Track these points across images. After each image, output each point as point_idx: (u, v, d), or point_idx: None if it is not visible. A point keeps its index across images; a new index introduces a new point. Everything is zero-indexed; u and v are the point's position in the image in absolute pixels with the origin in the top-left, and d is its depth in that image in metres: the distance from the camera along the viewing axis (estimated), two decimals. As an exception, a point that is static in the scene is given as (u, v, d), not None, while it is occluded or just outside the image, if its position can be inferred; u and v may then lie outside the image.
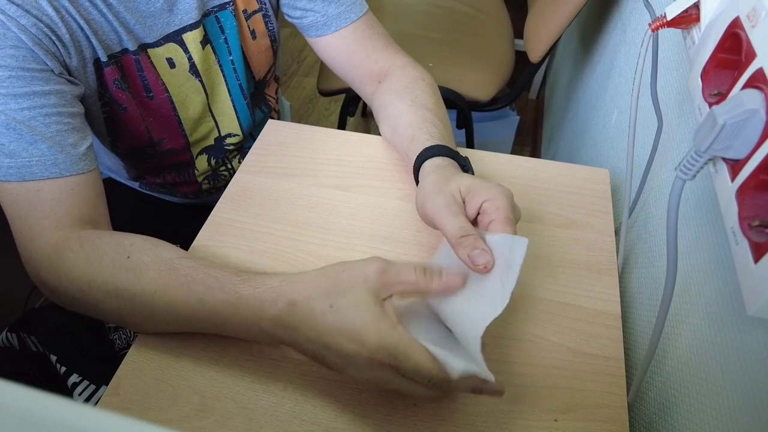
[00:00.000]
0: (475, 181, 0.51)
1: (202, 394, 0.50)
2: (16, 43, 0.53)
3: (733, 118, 0.32)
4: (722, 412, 0.40)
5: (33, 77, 0.54)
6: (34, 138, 0.54)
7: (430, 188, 0.53)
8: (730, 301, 0.41)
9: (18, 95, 0.53)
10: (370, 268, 0.44)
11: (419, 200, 0.54)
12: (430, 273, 0.45)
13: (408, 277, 0.44)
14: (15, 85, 0.53)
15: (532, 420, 0.49)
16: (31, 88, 0.54)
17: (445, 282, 0.45)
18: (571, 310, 0.56)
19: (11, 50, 0.53)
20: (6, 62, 0.52)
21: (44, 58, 0.55)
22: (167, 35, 0.67)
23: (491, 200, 0.49)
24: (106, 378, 0.51)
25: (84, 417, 0.15)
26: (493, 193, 0.49)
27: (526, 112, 2.01)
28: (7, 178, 0.54)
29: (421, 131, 0.61)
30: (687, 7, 0.47)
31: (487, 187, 0.50)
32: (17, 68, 0.53)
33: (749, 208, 0.33)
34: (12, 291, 1.38)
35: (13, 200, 0.55)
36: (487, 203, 0.49)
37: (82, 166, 0.57)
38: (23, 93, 0.53)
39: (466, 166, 0.58)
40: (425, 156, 0.58)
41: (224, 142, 0.83)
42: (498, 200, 0.48)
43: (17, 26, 0.53)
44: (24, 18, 0.53)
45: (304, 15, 0.72)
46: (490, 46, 1.41)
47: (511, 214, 0.48)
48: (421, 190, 0.54)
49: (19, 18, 0.53)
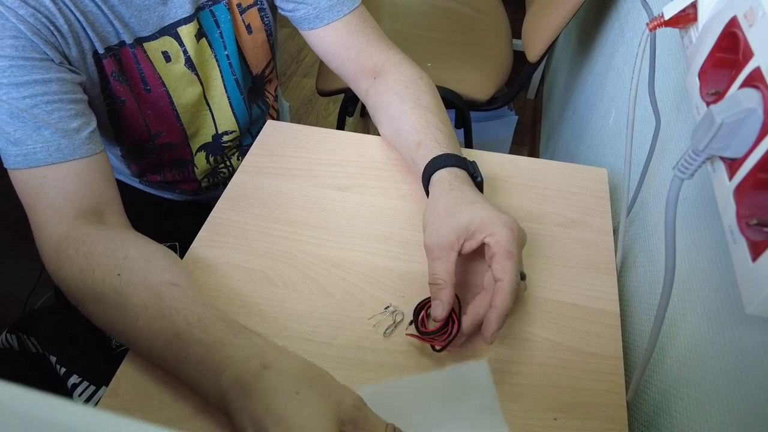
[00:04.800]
0: (480, 214, 0.51)
1: (201, 395, 0.50)
2: (15, 33, 0.53)
3: (730, 117, 0.32)
4: (720, 409, 0.40)
5: (33, 66, 0.55)
6: (38, 125, 0.55)
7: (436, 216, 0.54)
8: (729, 300, 0.41)
9: (19, 84, 0.54)
10: (349, 397, 0.42)
11: (424, 221, 0.56)
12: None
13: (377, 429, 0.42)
14: (16, 74, 0.54)
15: (532, 419, 0.49)
16: (31, 77, 0.54)
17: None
18: (570, 309, 0.56)
19: (11, 40, 0.53)
20: (6, 52, 0.53)
21: (43, 48, 0.55)
22: (162, 28, 0.68)
23: (492, 235, 0.50)
24: (105, 379, 0.51)
25: (84, 418, 0.15)
26: (494, 228, 0.50)
27: (525, 111, 2.01)
28: (16, 166, 0.55)
29: (427, 137, 0.61)
30: (684, 6, 0.47)
31: (490, 223, 0.50)
32: (17, 57, 0.54)
33: (747, 206, 0.33)
34: (12, 292, 1.38)
35: (23, 188, 0.56)
36: (488, 238, 0.50)
37: (86, 149, 0.58)
38: (24, 82, 0.54)
39: (474, 173, 0.59)
40: (434, 166, 0.58)
41: (222, 139, 0.83)
42: (498, 235, 0.49)
43: (15, 16, 0.53)
44: (22, 8, 0.54)
45: (297, 8, 0.72)
46: (488, 46, 1.41)
47: (512, 247, 0.49)
48: (429, 206, 0.56)
49: (17, 8, 0.53)
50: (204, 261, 0.61)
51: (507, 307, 0.47)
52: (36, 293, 1.02)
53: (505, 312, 0.47)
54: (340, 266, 0.60)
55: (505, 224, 0.50)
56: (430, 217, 0.55)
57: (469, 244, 0.52)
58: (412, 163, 0.64)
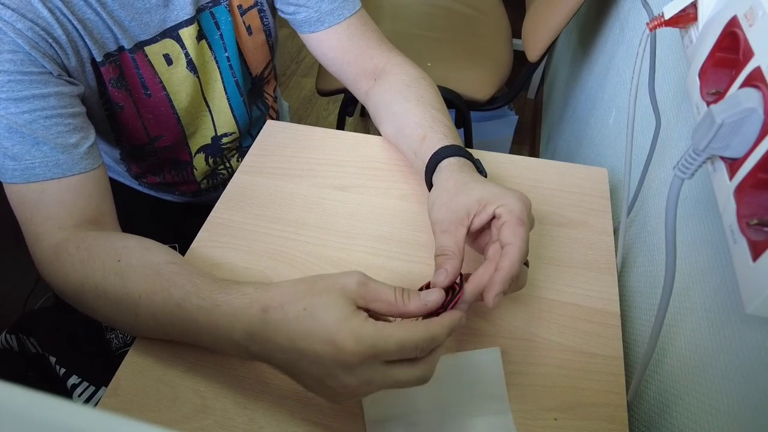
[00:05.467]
0: (492, 189, 0.50)
1: (202, 395, 0.50)
2: (14, 47, 0.53)
3: (731, 116, 0.32)
4: (721, 410, 0.40)
5: (32, 80, 0.54)
6: (36, 140, 0.55)
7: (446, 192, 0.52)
8: (729, 299, 0.41)
9: (18, 99, 0.54)
10: (349, 279, 0.43)
11: (432, 198, 0.54)
12: (408, 294, 0.43)
13: (387, 295, 0.42)
14: (14, 89, 0.53)
15: (532, 419, 0.49)
16: (30, 92, 0.54)
17: (423, 303, 0.43)
18: (570, 309, 0.56)
19: (9, 55, 0.53)
20: (4, 67, 0.53)
21: (42, 61, 0.55)
22: (164, 31, 0.67)
23: (504, 206, 0.48)
24: (105, 379, 0.52)
25: (84, 418, 0.15)
26: (507, 199, 0.49)
27: (525, 111, 2.01)
28: (14, 180, 0.55)
29: (433, 130, 0.60)
30: (684, 6, 0.47)
31: (502, 195, 0.49)
32: (16, 72, 0.53)
33: (747, 206, 0.33)
34: (12, 292, 1.38)
35: (20, 202, 0.56)
36: (500, 209, 0.48)
37: (85, 164, 0.58)
38: (23, 97, 0.54)
39: (480, 169, 0.58)
40: (442, 155, 0.57)
41: (221, 141, 0.83)
42: (511, 205, 0.48)
43: (13, 31, 0.53)
44: (20, 22, 0.53)
45: (297, 11, 0.72)
46: (489, 46, 1.41)
47: (524, 216, 0.48)
48: (437, 186, 0.54)
49: (14, 22, 0.53)
50: (204, 261, 0.61)
51: (513, 272, 0.45)
52: (36, 294, 1.02)
53: (511, 276, 0.45)
54: (340, 266, 0.60)
55: (519, 198, 0.49)
56: (440, 194, 0.53)
57: (480, 219, 0.50)
58: (414, 157, 0.63)
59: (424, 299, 0.43)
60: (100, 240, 0.54)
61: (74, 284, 0.53)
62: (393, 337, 0.39)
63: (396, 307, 0.42)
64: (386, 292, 0.43)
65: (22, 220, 0.57)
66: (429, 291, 0.44)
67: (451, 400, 0.49)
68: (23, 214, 0.56)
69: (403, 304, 0.43)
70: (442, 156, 0.57)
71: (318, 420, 0.48)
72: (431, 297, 0.43)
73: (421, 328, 0.40)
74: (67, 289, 0.54)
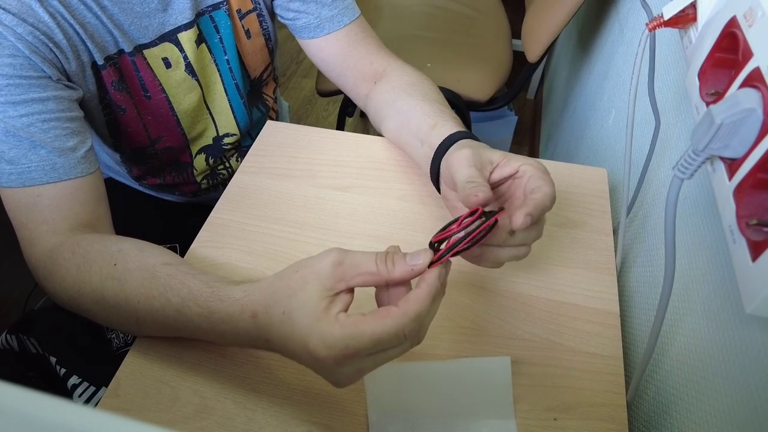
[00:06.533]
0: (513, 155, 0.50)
1: (202, 395, 0.50)
2: (14, 51, 0.53)
3: (730, 117, 0.32)
4: (720, 410, 0.40)
5: (31, 85, 0.54)
6: (33, 144, 0.54)
7: (467, 150, 0.50)
8: (728, 300, 0.41)
9: (16, 102, 0.54)
10: (324, 262, 0.41)
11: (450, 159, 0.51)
12: (392, 259, 0.40)
13: (368, 266, 0.40)
14: (13, 93, 0.53)
15: (532, 419, 0.49)
16: (29, 96, 0.54)
17: (409, 266, 0.40)
18: (570, 310, 0.56)
19: (8, 59, 0.53)
20: (4, 71, 0.53)
21: (42, 66, 0.55)
22: (162, 35, 0.68)
23: (529, 164, 0.48)
24: (105, 379, 0.51)
25: (84, 418, 0.15)
26: (530, 160, 0.49)
27: (524, 112, 2.01)
28: (9, 185, 0.55)
29: (443, 119, 0.59)
30: (684, 6, 0.47)
31: (525, 158, 0.49)
32: (15, 76, 0.53)
33: (747, 206, 0.33)
34: (12, 292, 1.38)
35: (15, 206, 0.56)
36: (525, 166, 0.48)
37: (81, 169, 0.58)
38: (21, 100, 0.54)
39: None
40: (455, 138, 0.55)
41: (222, 141, 0.83)
42: (535, 163, 0.48)
43: (14, 35, 0.53)
44: (20, 27, 0.53)
45: (297, 17, 0.72)
46: (488, 47, 1.41)
47: (548, 175, 0.47)
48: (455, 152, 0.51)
49: (15, 27, 0.53)
50: (204, 261, 0.61)
51: (546, 203, 0.44)
52: (36, 294, 1.02)
53: (543, 205, 0.44)
54: (340, 266, 0.60)
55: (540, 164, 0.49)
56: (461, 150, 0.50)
57: (502, 170, 0.49)
58: (420, 145, 0.60)
59: (410, 263, 0.40)
60: (95, 244, 0.54)
61: (71, 289, 0.53)
62: (364, 336, 0.37)
63: (381, 276, 0.40)
64: (366, 264, 0.40)
65: (17, 224, 0.56)
66: (414, 253, 0.41)
67: (456, 403, 0.49)
68: (18, 219, 0.56)
69: (387, 272, 0.40)
70: (458, 138, 0.55)
71: (318, 420, 0.48)
72: (418, 260, 0.40)
73: (394, 316, 0.38)
74: (63, 294, 0.54)
